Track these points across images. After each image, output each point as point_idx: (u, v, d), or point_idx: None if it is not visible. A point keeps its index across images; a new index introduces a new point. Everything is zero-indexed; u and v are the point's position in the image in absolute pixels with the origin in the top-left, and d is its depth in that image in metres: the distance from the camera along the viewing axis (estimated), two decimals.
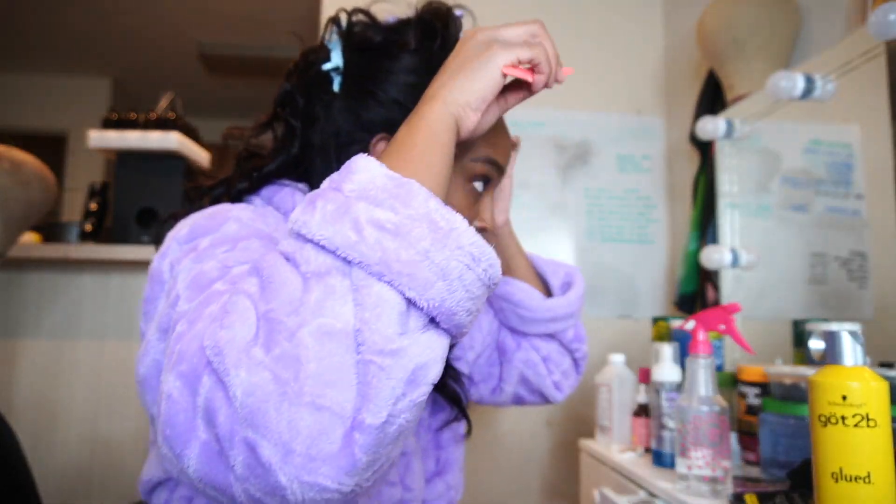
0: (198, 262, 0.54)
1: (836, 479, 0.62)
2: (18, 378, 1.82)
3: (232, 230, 0.57)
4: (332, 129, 0.67)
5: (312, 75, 0.69)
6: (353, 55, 0.68)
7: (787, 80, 1.17)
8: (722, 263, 1.42)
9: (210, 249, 0.55)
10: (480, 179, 0.68)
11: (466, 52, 0.55)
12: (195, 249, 0.56)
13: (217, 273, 0.51)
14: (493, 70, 0.53)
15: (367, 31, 0.68)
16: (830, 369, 0.65)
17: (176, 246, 0.59)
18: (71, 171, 4.08)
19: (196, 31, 3.56)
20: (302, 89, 0.69)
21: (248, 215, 0.60)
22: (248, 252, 0.54)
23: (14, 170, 1.19)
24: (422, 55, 0.67)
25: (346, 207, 0.43)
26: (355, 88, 0.67)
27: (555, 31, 2.25)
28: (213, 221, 0.59)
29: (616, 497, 1.01)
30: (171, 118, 1.96)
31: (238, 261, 0.53)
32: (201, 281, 0.51)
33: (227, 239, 0.56)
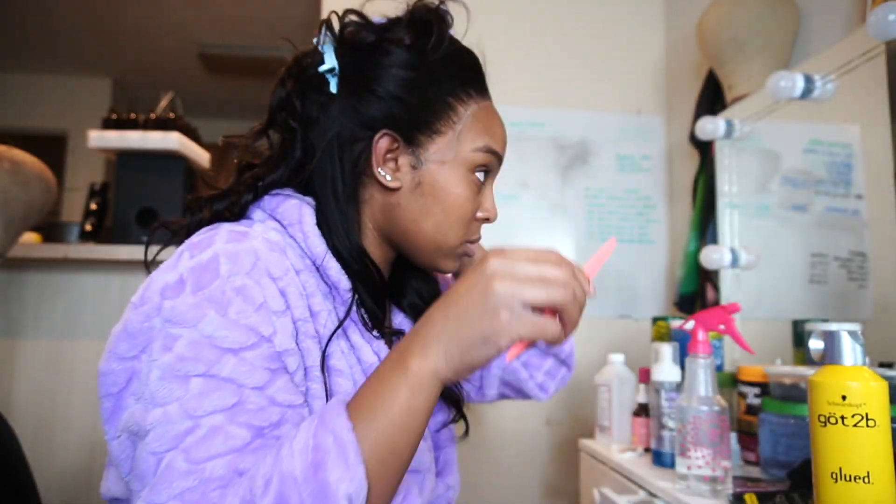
0: (165, 381, 0.52)
1: (836, 479, 0.62)
2: (18, 378, 1.82)
3: (210, 329, 0.53)
4: (334, 129, 0.67)
5: (308, 78, 0.68)
6: (348, 55, 0.68)
7: (786, 80, 1.17)
8: (722, 263, 1.42)
9: (179, 366, 0.52)
10: (482, 169, 0.69)
11: (470, 306, 0.50)
12: (167, 347, 0.53)
13: (183, 427, 0.50)
14: (493, 349, 0.49)
15: (360, 30, 0.68)
16: (830, 369, 0.65)
17: (154, 309, 0.55)
18: (71, 171, 4.08)
19: (196, 31, 3.56)
20: (298, 93, 0.68)
21: (238, 282, 0.55)
22: (220, 394, 0.51)
23: (14, 170, 1.19)
24: (416, 51, 0.67)
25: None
26: (353, 87, 0.67)
27: (555, 31, 2.25)
28: (195, 303, 0.53)
29: (616, 497, 1.01)
30: (171, 118, 1.96)
31: (209, 410, 0.50)
32: (167, 430, 0.50)
33: (200, 355, 0.52)
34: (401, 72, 0.66)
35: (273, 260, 0.59)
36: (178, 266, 0.56)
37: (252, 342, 0.54)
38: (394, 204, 0.68)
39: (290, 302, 0.59)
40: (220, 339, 0.53)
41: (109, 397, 0.58)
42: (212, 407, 0.51)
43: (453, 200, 0.67)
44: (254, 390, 0.53)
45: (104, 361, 0.58)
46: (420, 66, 0.67)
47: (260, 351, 0.54)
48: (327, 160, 0.67)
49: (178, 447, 0.50)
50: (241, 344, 0.53)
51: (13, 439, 0.85)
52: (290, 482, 0.46)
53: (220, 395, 0.51)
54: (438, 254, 0.69)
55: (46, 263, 1.83)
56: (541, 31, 1.95)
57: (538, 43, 1.94)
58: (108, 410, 0.59)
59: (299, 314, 0.59)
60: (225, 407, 0.51)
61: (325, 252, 0.64)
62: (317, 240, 0.64)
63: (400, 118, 0.66)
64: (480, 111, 0.69)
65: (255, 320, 0.55)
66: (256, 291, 0.56)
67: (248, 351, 0.54)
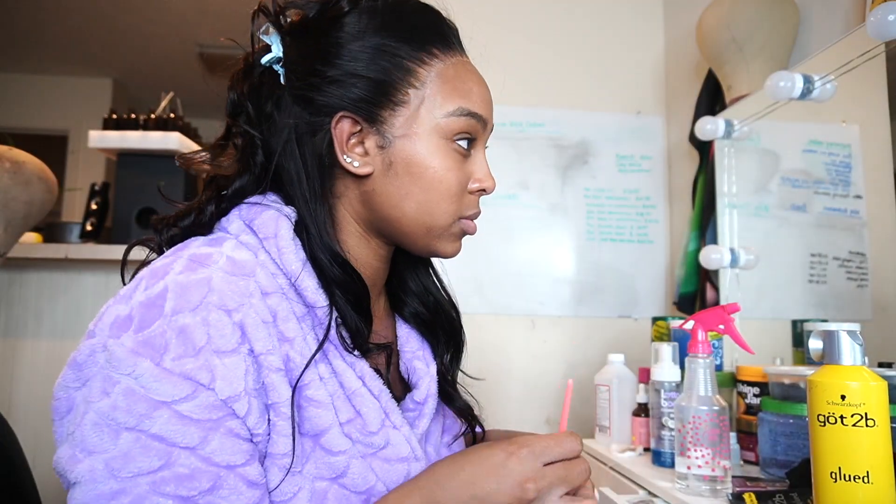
0: (97, 429, 0.49)
1: (835, 479, 0.62)
2: (18, 378, 1.82)
3: (144, 380, 0.49)
4: (289, 123, 0.62)
5: (256, 76, 0.64)
6: (292, 41, 0.62)
7: (786, 80, 1.17)
8: (721, 263, 1.43)
9: (112, 414, 0.49)
10: (463, 137, 0.62)
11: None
12: (105, 391, 0.50)
13: (107, 489, 0.48)
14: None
15: (298, 9, 0.63)
16: (829, 369, 0.65)
17: (100, 346, 0.52)
18: (71, 171, 4.08)
19: (196, 31, 3.56)
20: (249, 94, 0.64)
21: (181, 322, 0.51)
22: (146, 455, 0.48)
23: (15, 170, 1.19)
24: (360, 15, 0.61)
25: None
26: (300, 73, 0.61)
27: (555, 31, 2.25)
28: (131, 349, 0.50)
29: (616, 496, 1.01)
30: (171, 118, 1.96)
31: (133, 472, 0.48)
32: (90, 489, 0.48)
33: (132, 407, 0.49)
34: (348, 44, 0.60)
35: (229, 290, 0.53)
36: (131, 299, 0.53)
37: (186, 393, 0.49)
38: (369, 191, 0.62)
39: (248, 335, 0.53)
40: (153, 390, 0.49)
41: (58, 420, 0.55)
42: (136, 469, 0.48)
43: (432, 175, 0.61)
44: (185, 450, 0.49)
45: (56, 386, 0.55)
46: (367, 31, 0.61)
47: (197, 401, 0.50)
48: (289, 160, 0.62)
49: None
50: (174, 396, 0.49)
51: (13, 439, 0.85)
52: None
53: (147, 456, 0.48)
54: (431, 237, 0.64)
55: (47, 263, 1.84)
56: (540, 31, 1.95)
57: (538, 43, 1.94)
58: (56, 432, 0.55)
59: (261, 347, 0.54)
60: (151, 469, 0.48)
61: (300, 268, 0.58)
62: (292, 256, 0.59)
63: (356, 97, 0.60)
64: (448, 70, 0.62)
65: (191, 367, 0.50)
66: (199, 331, 0.51)
67: (184, 403, 0.49)
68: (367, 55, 0.60)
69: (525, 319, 1.85)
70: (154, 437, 0.49)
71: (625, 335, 1.86)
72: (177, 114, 2.02)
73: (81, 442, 0.49)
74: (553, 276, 1.87)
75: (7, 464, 0.82)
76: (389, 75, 0.60)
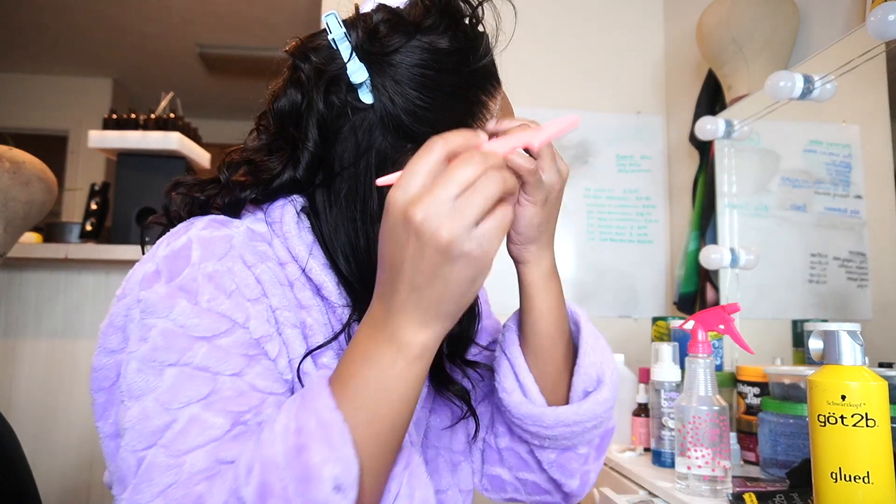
0: (141, 373, 0.51)
1: (836, 479, 0.62)
2: (18, 378, 1.82)
3: (182, 319, 0.51)
4: (370, 145, 0.59)
5: (327, 83, 0.59)
6: (377, 60, 0.58)
7: (786, 80, 1.17)
8: (721, 263, 1.43)
9: (153, 356, 0.51)
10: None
11: (431, 266, 0.44)
12: (143, 337, 0.52)
13: (160, 422, 0.49)
14: (478, 285, 0.47)
15: (392, 34, 0.58)
16: (829, 369, 0.65)
17: (133, 301, 0.54)
18: (71, 171, 4.08)
19: (196, 31, 3.56)
20: (320, 100, 0.59)
21: (209, 269, 0.54)
22: (194, 384, 0.50)
23: (15, 170, 1.19)
24: (457, 53, 0.60)
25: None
26: (394, 99, 0.58)
27: (555, 31, 2.25)
28: (167, 293, 0.52)
29: (616, 497, 1.01)
30: (171, 118, 1.96)
31: (183, 402, 0.49)
32: (144, 426, 0.49)
33: (172, 345, 0.51)
34: (442, 77, 0.59)
35: (248, 250, 0.57)
36: (155, 256, 0.56)
37: (225, 328, 0.52)
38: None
39: (266, 290, 0.56)
40: (192, 327, 0.52)
41: (101, 392, 0.58)
42: (186, 398, 0.50)
43: None
44: (230, 377, 0.51)
45: (96, 357, 0.58)
46: (461, 66, 0.60)
47: (234, 337, 0.53)
48: (360, 177, 0.59)
49: (158, 443, 0.49)
50: (213, 331, 0.52)
51: (13, 439, 0.85)
52: (271, 468, 0.44)
53: (193, 384, 0.50)
54: None
55: (47, 263, 1.84)
56: (540, 31, 1.95)
57: (538, 43, 1.94)
58: (100, 406, 0.58)
59: (277, 303, 0.57)
60: (200, 397, 0.50)
61: (308, 255, 0.60)
62: (296, 240, 0.60)
63: (444, 125, 0.57)
64: (503, 101, 0.65)
65: (227, 307, 0.53)
66: (227, 278, 0.54)
67: (222, 338, 0.52)
68: (458, 89, 0.61)
69: None
70: (198, 368, 0.51)
71: (625, 335, 1.86)
72: (177, 114, 2.02)
73: (129, 391, 0.51)
74: None
75: (7, 464, 0.82)
76: (472, 108, 0.62)
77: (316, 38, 0.62)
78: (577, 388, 0.66)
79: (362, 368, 0.47)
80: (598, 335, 0.69)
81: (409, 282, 0.45)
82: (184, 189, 0.64)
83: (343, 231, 0.61)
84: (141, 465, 0.48)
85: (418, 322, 0.46)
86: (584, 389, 0.66)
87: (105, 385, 0.58)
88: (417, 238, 0.43)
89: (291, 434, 0.45)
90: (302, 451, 0.44)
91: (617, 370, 0.68)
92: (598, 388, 0.65)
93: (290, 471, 0.43)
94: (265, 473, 0.44)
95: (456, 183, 0.43)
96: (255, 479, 0.44)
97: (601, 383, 0.66)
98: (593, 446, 0.71)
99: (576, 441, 0.67)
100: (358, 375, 0.47)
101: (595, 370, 0.66)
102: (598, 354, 0.67)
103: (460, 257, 0.43)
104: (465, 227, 0.43)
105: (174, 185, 0.65)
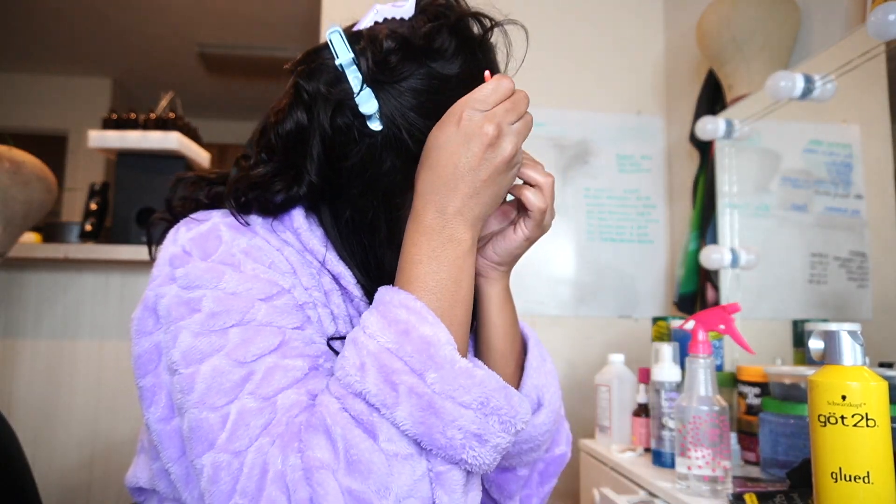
0: (202, 337, 0.50)
1: (836, 479, 0.62)
2: (18, 378, 1.82)
3: (232, 286, 0.52)
4: (380, 171, 0.58)
5: (337, 112, 0.58)
6: (388, 87, 0.57)
7: (786, 80, 1.17)
8: (722, 263, 1.43)
9: (212, 322, 0.51)
10: None
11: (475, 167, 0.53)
12: (193, 308, 0.52)
13: (237, 376, 0.49)
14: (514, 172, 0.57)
15: (404, 64, 0.57)
16: (830, 369, 0.65)
17: (167, 279, 0.54)
18: (71, 171, 4.08)
19: (196, 31, 3.56)
20: (330, 127, 0.58)
21: (243, 245, 0.55)
22: (263, 337, 0.51)
23: (14, 170, 1.19)
24: (468, 78, 0.59)
25: (433, 408, 0.47)
26: (403, 125, 0.57)
27: (555, 31, 2.25)
28: (209, 267, 0.53)
29: (616, 497, 1.01)
30: (171, 118, 1.96)
31: (257, 354, 0.50)
32: (221, 382, 0.49)
33: (231, 307, 0.51)
34: (451, 101, 0.57)
35: (272, 235, 0.59)
36: (177, 240, 0.56)
37: (276, 291, 0.54)
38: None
39: (295, 269, 0.58)
40: (245, 291, 0.52)
41: (147, 376, 0.56)
42: (259, 350, 0.50)
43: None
44: (294, 330, 0.53)
45: (135, 346, 0.57)
46: (469, 90, 0.58)
47: (285, 300, 0.54)
48: (367, 201, 0.59)
49: (240, 396, 0.48)
50: (267, 293, 0.53)
51: (13, 439, 0.85)
52: (385, 355, 0.48)
53: (262, 338, 0.51)
54: None
55: (46, 263, 1.84)
56: (540, 31, 1.95)
57: (538, 43, 1.94)
58: (148, 391, 0.56)
59: (307, 282, 0.58)
60: (272, 347, 0.51)
61: (324, 248, 0.60)
62: (308, 234, 0.60)
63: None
64: None
65: (269, 275, 0.55)
66: (262, 253, 0.56)
67: (276, 299, 0.53)
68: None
69: (525, 319, 1.83)
70: (263, 324, 0.52)
71: (625, 335, 1.86)
72: (176, 114, 2.02)
73: (187, 358, 0.51)
74: (553, 276, 1.87)
75: (7, 464, 0.82)
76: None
77: (319, 55, 0.60)
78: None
79: (431, 265, 0.53)
80: (545, 357, 0.71)
81: (470, 186, 0.53)
82: (187, 185, 0.64)
83: (350, 250, 0.61)
84: (228, 418, 0.48)
85: (469, 223, 0.54)
86: None
87: (151, 368, 0.56)
88: (491, 148, 0.53)
89: (389, 326, 0.49)
90: (410, 331, 0.48)
91: (559, 395, 0.70)
92: (536, 411, 0.66)
93: (408, 346, 0.48)
94: (380, 361, 0.47)
95: (517, 113, 0.55)
96: (370, 371, 0.47)
97: (541, 406, 0.67)
98: (536, 470, 0.71)
99: (513, 462, 0.68)
100: (430, 271, 0.52)
101: (536, 393, 0.67)
102: (542, 377, 0.68)
103: (513, 168, 0.55)
104: (519, 144, 0.55)
105: (177, 181, 0.65)
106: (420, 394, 0.46)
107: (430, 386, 0.47)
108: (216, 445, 0.47)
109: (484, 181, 0.53)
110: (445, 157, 0.53)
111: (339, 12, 0.66)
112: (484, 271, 0.65)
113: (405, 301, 0.50)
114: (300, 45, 3.54)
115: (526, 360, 0.68)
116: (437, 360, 0.47)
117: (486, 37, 0.62)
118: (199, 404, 0.49)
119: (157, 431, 0.55)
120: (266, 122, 0.62)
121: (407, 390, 0.46)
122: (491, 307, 0.66)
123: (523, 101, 0.56)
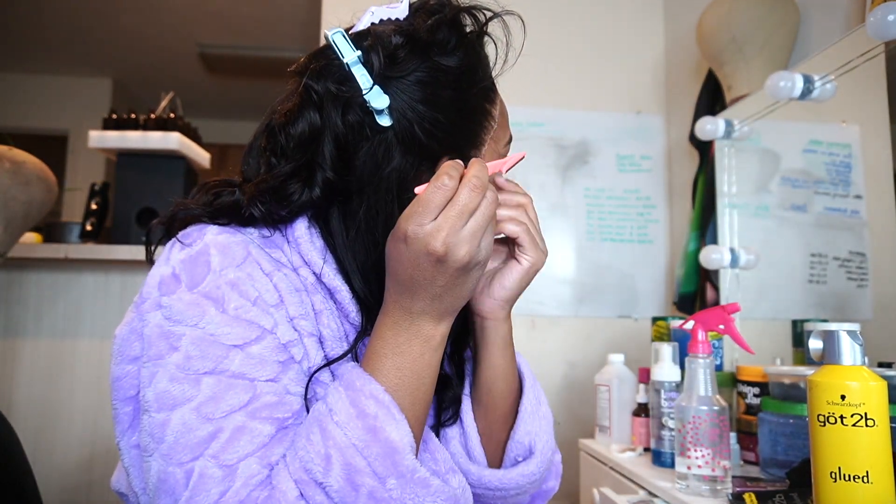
0: (175, 383, 0.51)
1: (835, 479, 0.62)
2: (19, 378, 1.82)
3: (212, 327, 0.52)
4: (390, 166, 0.58)
5: (347, 109, 0.58)
6: (395, 82, 0.58)
7: (786, 80, 1.17)
8: (721, 263, 1.43)
9: (188, 365, 0.51)
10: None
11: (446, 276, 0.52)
12: (172, 346, 0.52)
13: (205, 433, 0.50)
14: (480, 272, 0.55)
15: (409, 59, 0.58)
16: (829, 369, 0.65)
17: (153, 305, 0.54)
18: (71, 171, 4.08)
19: (196, 31, 3.56)
20: (342, 125, 0.58)
21: (230, 276, 0.54)
22: (234, 393, 0.51)
23: (15, 170, 1.19)
24: (467, 70, 0.60)
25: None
26: (409, 118, 0.58)
27: (555, 31, 2.25)
28: (193, 301, 0.53)
29: (616, 497, 1.01)
30: (171, 118, 1.96)
31: (226, 411, 0.50)
32: (188, 438, 0.49)
33: (207, 353, 0.51)
34: (454, 93, 0.59)
35: (264, 256, 0.57)
36: (170, 259, 0.56)
37: (255, 335, 0.53)
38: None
39: (284, 298, 0.56)
40: (223, 335, 0.52)
41: (128, 401, 0.56)
42: (228, 407, 0.51)
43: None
44: (267, 383, 0.53)
45: (116, 366, 0.57)
46: (470, 83, 0.61)
47: (265, 343, 0.54)
48: (381, 197, 0.59)
49: (205, 454, 0.49)
50: (245, 339, 0.53)
51: (13, 439, 0.85)
52: (351, 451, 0.48)
53: (233, 394, 0.51)
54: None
55: (47, 263, 1.84)
56: (540, 31, 1.95)
57: (538, 43, 1.94)
58: (128, 415, 0.57)
59: (294, 311, 0.57)
60: (242, 404, 0.51)
61: (322, 261, 0.59)
62: (308, 245, 0.60)
63: (459, 141, 0.60)
64: (501, 104, 0.66)
65: (254, 314, 0.54)
66: (249, 285, 0.55)
67: (254, 344, 0.53)
68: (469, 100, 0.61)
69: (525, 319, 1.85)
70: (235, 376, 0.52)
71: (625, 335, 1.86)
72: (177, 114, 2.02)
73: (158, 401, 0.51)
74: (553, 276, 1.87)
75: (7, 463, 0.82)
76: (479, 118, 0.63)
77: (324, 55, 0.60)
78: (510, 454, 0.67)
79: (395, 359, 0.53)
80: (541, 401, 0.70)
81: (429, 293, 0.53)
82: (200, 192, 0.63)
83: (362, 249, 0.60)
84: (191, 477, 0.49)
85: (437, 319, 0.54)
86: (514, 457, 0.67)
87: (131, 394, 0.56)
88: (440, 262, 0.51)
89: (355, 419, 0.49)
90: (377, 431, 0.49)
91: (551, 441, 0.69)
92: (527, 460, 0.66)
93: (372, 449, 0.49)
94: (345, 457, 0.48)
95: (467, 213, 0.51)
96: (335, 466, 0.48)
97: (531, 455, 0.66)
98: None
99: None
100: (393, 366, 0.53)
101: (528, 439, 0.67)
102: (536, 423, 0.68)
103: (475, 267, 0.53)
104: (476, 244, 0.51)
105: (200, 187, 0.64)
106: (378, 499, 0.48)
107: (389, 492, 0.49)
108: (178, 503, 0.49)
109: (443, 286, 0.52)
110: (402, 270, 0.52)
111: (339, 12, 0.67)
112: (492, 313, 0.65)
113: (375, 392, 0.51)
114: (300, 45, 3.54)
115: (521, 403, 0.68)
116: (399, 468, 0.49)
117: (482, 29, 0.63)
118: (167, 457, 0.50)
119: (131, 457, 0.57)
120: (272, 126, 0.62)
121: (367, 493, 0.48)
122: (495, 350, 0.66)
123: (476, 188, 0.51)
